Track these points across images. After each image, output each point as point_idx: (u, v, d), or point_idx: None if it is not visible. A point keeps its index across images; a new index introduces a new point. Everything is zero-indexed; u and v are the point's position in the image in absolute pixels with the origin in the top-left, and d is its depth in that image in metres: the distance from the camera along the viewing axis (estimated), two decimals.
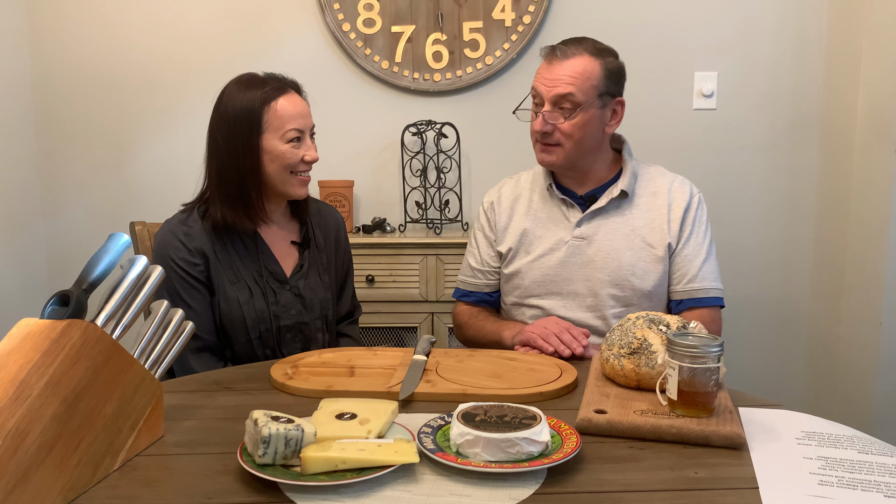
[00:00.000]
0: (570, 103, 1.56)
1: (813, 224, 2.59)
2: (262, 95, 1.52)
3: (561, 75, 1.56)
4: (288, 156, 1.53)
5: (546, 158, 1.62)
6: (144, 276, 1.04)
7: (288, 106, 1.53)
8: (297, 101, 1.56)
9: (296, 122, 1.53)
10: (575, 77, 1.56)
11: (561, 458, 0.93)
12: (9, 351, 0.86)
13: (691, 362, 1.05)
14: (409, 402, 1.20)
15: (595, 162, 1.66)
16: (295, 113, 1.54)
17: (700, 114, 2.57)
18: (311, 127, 1.59)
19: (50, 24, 2.61)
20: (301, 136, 1.55)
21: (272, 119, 1.52)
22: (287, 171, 1.55)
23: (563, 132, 1.57)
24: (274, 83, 1.55)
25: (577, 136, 1.58)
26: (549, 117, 1.57)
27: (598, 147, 1.65)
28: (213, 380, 1.33)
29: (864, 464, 0.95)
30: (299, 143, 1.55)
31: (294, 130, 1.53)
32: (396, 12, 2.55)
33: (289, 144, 1.53)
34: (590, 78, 1.56)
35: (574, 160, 1.62)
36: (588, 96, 1.56)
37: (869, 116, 2.45)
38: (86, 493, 0.89)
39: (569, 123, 1.56)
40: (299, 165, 1.55)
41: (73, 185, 2.68)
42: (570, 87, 1.55)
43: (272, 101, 1.52)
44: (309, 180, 1.60)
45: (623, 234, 1.62)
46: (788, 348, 2.63)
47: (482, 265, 1.76)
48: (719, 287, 1.64)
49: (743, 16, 2.51)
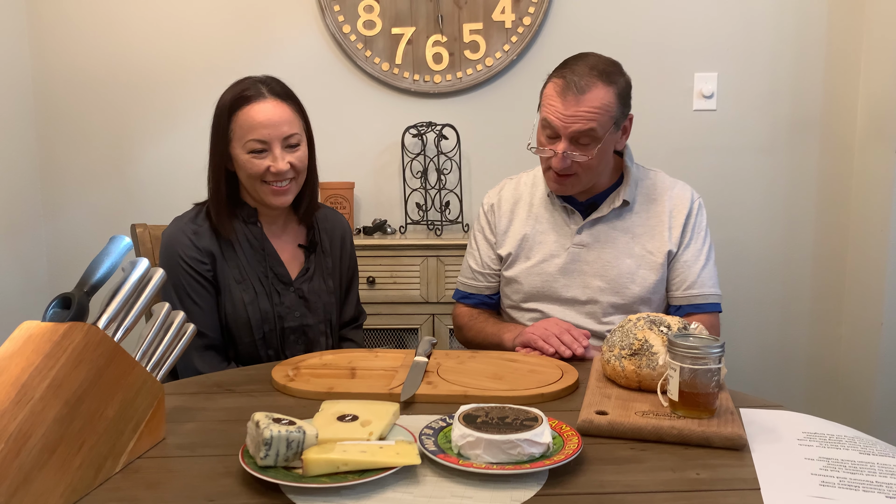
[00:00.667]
0: (589, 138, 1.51)
1: (813, 224, 2.59)
2: (230, 103, 1.51)
3: (579, 112, 1.49)
4: (248, 166, 1.50)
5: (560, 189, 1.60)
6: (146, 279, 1.04)
7: (254, 115, 1.48)
8: (269, 110, 1.49)
9: (258, 132, 1.48)
10: (594, 112, 1.49)
11: (562, 459, 0.93)
12: (10, 354, 0.86)
13: (692, 363, 1.05)
14: (411, 403, 1.20)
15: (598, 176, 1.64)
16: (258, 122, 1.48)
17: (700, 115, 2.57)
18: (287, 136, 1.51)
19: (51, 26, 2.61)
20: (266, 146, 1.49)
21: (236, 128, 1.50)
22: (256, 181, 1.52)
23: (582, 165, 1.54)
24: (252, 89, 1.51)
25: (595, 165, 1.55)
26: (568, 155, 1.52)
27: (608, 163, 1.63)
28: (215, 382, 1.34)
29: (865, 464, 0.95)
30: (263, 154, 1.50)
31: (255, 141, 1.48)
32: (396, 14, 2.56)
33: (249, 155, 1.49)
34: (608, 110, 1.51)
35: (587, 185, 1.61)
36: (606, 129, 1.52)
37: (869, 117, 2.45)
38: (88, 495, 0.89)
39: (588, 157, 1.52)
40: (266, 175, 1.50)
41: (75, 187, 2.68)
42: (590, 123, 1.49)
43: (239, 109, 1.50)
44: (284, 190, 1.53)
45: (623, 242, 1.62)
46: (789, 349, 2.63)
47: (482, 267, 1.75)
48: (717, 293, 1.64)
49: (743, 17, 2.52)
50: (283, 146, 1.51)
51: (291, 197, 1.56)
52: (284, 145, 1.51)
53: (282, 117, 1.50)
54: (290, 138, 1.52)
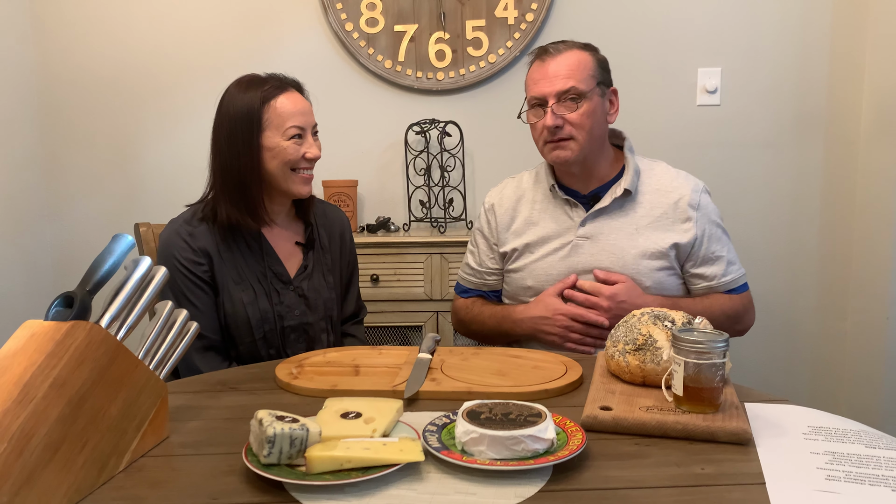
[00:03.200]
0: (575, 94, 1.57)
1: (818, 219, 2.58)
2: (261, 94, 1.53)
3: (559, 70, 1.58)
4: (290, 152, 1.53)
5: (561, 154, 1.60)
6: (149, 277, 1.04)
7: (288, 103, 1.54)
8: (298, 99, 1.57)
9: (296, 119, 1.54)
10: (572, 69, 1.58)
11: (566, 455, 0.93)
12: (13, 352, 0.86)
13: (697, 358, 1.04)
14: (414, 400, 1.20)
15: (598, 159, 1.66)
16: (295, 110, 1.54)
17: (704, 110, 2.56)
18: (313, 125, 1.59)
19: (54, 27, 2.62)
20: (302, 133, 1.55)
21: (272, 117, 1.52)
22: (288, 169, 1.55)
23: (574, 123, 1.57)
24: (274, 82, 1.56)
25: (588, 125, 1.58)
26: (556, 110, 1.57)
27: (604, 139, 1.65)
28: (218, 380, 1.34)
29: (871, 458, 0.95)
30: (300, 140, 1.55)
31: (295, 127, 1.54)
32: (399, 11, 2.55)
33: (290, 141, 1.53)
34: (587, 68, 1.59)
35: (587, 153, 1.61)
36: (589, 86, 1.58)
37: (874, 112, 2.44)
38: (91, 494, 0.89)
39: (577, 114, 1.57)
40: (301, 162, 1.55)
41: (78, 187, 2.69)
42: (570, 80, 1.57)
43: (272, 100, 1.53)
44: (311, 178, 1.60)
45: (627, 233, 1.62)
46: (794, 343, 2.63)
47: (480, 266, 1.76)
48: (743, 272, 1.68)
49: (747, 11, 2.51)
50: (312, 133, 1.58)
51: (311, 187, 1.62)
52: (313, 132, 1.59)
53: (308, 107, 1.59)
54: (316, 127, 1.61)
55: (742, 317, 1.66)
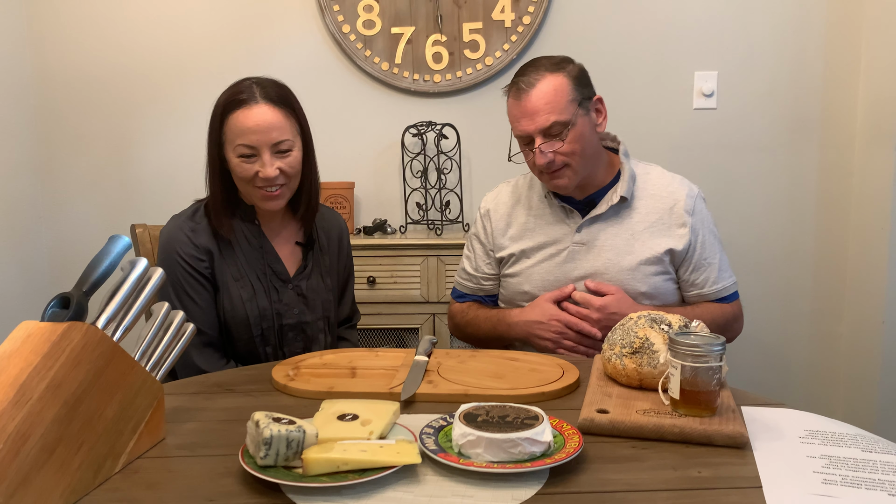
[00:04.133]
0: (559, 127, 1.53)
1: (814, 222, 2.59)
2: (223, 106, 1.51)
3: (536, 106, 1.53)
4: (238, 171, 1.50)
5: (559, 183, 1.59)
6: (145, 279, 1.04)
7: (243, 120, 1.47)
8: (258, 115, 1.47)
9: (247, 137, 1.47)
10: (549, 102, 1.53)
11: (563, 458, 0.93)
12: (9, 354, 0.86)
13: (693, 361, 1.05)
14: (411, 402, 1.20)
15: (594, 168, 1.64)
16: (247, 128, 1.47)
17: (700, 113, 2.57)
18: (276, 142, 1.49)
19: (50, 28, 2.61)
20: (255, 151, 1.48)
21: (227, 132, 1.50)
22: (248, 185, 1.52)
23: (565, 154, 1.55)
24: (246, 93, 1.50)
25: (578, 150, 1.56)
26: (545, 148, 1.54)
27: (599, 151, 1.64)
28: (215, 382, 1.33)
29: (867, 462, 0.95)
30: (252, 159, 1.49)
31: (243, 146, 1.48)
32: (396, 14, 2.55)
33: (239, 159, 1.49)
34: (563, 94, 1.54)
35: (582, 174, 1.60)
36: (570, 112, 1.54)
37: (869, 115, 2.44)
38: (87, 495, 0.89)
39: (567, 143, 1.54)
40: (255, 181, 1.50)
41: (75, 188, 2.68)
42: (550, 115, 1.53)
43: (230, 113, 1.49)
44: (275, 195, 1.51)
45: (623, 239, 1.62)
46: (790, 347, 2.63)
47: (477, 271, 1.76)
48: (734, 280, 1.67)
49: (743, 15, 2.51)
50: (272, 152, 1.49)
51: (283, 202, 1.56)
52: (274, 151, 1.49)
53: (272, 123, 1.48)
54: (281, 144, 1.50)
55: (731, 325, 1.66)
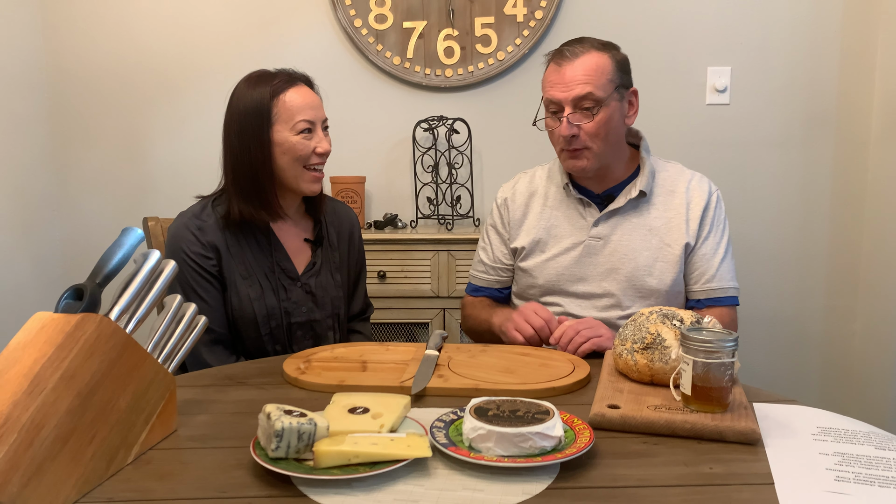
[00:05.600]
0: (592, 101, 1.52)
1: (828, 220, 2.57)
2: (270, 89, 1.52)
3: (575, 75, 1.52)
4: (299, 147, 1.53)
5: (576, 164, 1.58)
6: (158, 271, 1.04)
7: (297, 97, 1.53)
8: (307, 93, 1.56)
9: (305, 112, 1.53)
10: (589, 74, 1.52)
11: (574, 452, 0.93)
12: (23, 345, 0.87)
13: (706, 357, 1.04)
14: (422, 396, 1.20)
15: (614, 161, 1.63)
16: (304, 104, 1.53)
17: (713, 109, 2.55)
18: (324, 120, 1.58)
19: (65, 25, 2.63)
20: (312, 127, 1.54)
21: (282, 111, 1.52)
22: (299, 165, 1.54)
23: (589, 133, 1.54)
24: (283, 76, 1.55)
25: (603, 133, 1.54)
26: (573, 119, 1.53)
27: (621, 143, 1.63)
28: (226, 374, 1.34)
29: (881, 460, 0.94)
30: (310, 134, 1.54)
31: (304, 122, 1.53)
32: (408, 8, 2.55)
33: (300, 136, 1.52)
34: (605, 72, 1.53)
35: (603, 160, 1.59)
36: (607, 91, 1.53)
37: (884, 111, 2.42)
38: (100, 486, 0.89)
39: (594, 123, 1.53)
40: (311, 158, 1.54)
41: (88, 182, 2.70)
42: (587, 86, 1.51)
43: (281, 94, 1.52)
44: (321, 176, 1.58)
45: (640, 235, 1.61)
46: (803, 344, 2.62)
47: (495, 262, 1.75)
48: (736, 286, 1.63)
49: (756, 10, 2.49)
50: (322, 128, 1.57)
51: (322, 185, 1.61)
52: (323, 127, 1.58)
53: (317, 101, 1.58)
54: (326, 121, 1.59)
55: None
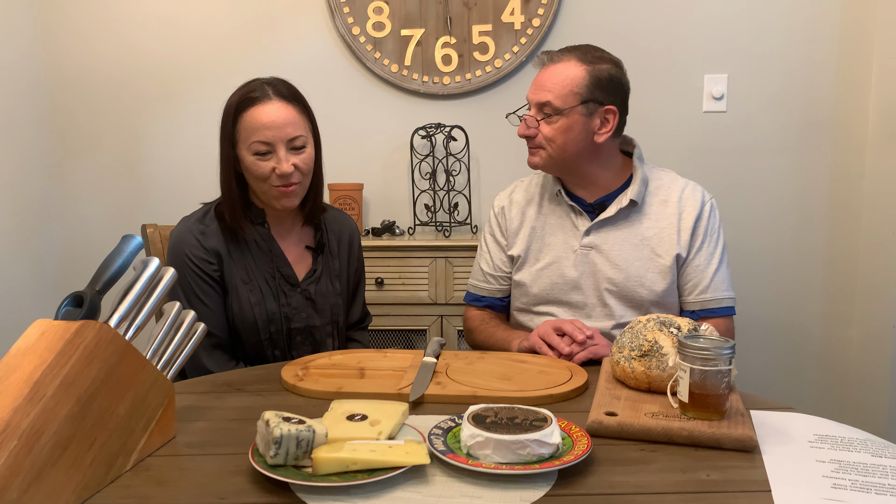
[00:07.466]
0: (550, 109, 1.56)
1: (824, 226, 2.58)
2: (235, 105, 1.51)
3: (544, 82, 1.57)
4: (253, 168, 1.50)
5: (530, 160, 1.64)
6: (157, 278, 1.05)
7: (257, 117, 1.48)
8: (273, 111, 1.49)
9: (262, 133, 1.48)
10: (555, 84, 1.56)
11: (572, 460, 0.93)
12: (24, 351, 0.87)
13: (703, 365, 1.05)
14: (420, 403, 1.20)
15: (601, 169, 1.64)
16: (262, 124, 1.48)
17: (710, 116, 2.56)
18: (291, 138, 1.50)
19: (63, 29, 2.63)
20: (271, 148, 1.48)
21: (240, 130, 1.50)
22: (262, 182, 1.52)
23: (544, 135, 1.58)
24: (257, 91, 1.51)
25: (559, 140, 1.57)
26: (528, 121, 1.59)
27: (592, 154, 1.61)
28: (225, 381, 1.34)
29: (877, 467, 0.95)
30: (268, 156, 1.49)
31: (259, 143, 1.48)
32: (406, 16, 2.56)
33: (255, 157, 1.49)
34: (570, 85, 1.55)
35: (560, 164, 1.61)
36: (567, 103, 1.55)
37: (881, 117, 2.43)
38: (99, 492, 0.90)
39: (549, 128, 1.57)
40: (271, 178, 1.50)
41: (86, 187, 2.70)
42: (549, 94, 1.56)
43: (243, 112, 1.50)
44: (290, 191, 1.52)
45: (632, 244, 1.61)
46: (800, 351, 2.62)
47: (495, 270, 1.75)
48: (731, 296, 1.63)
49: (753, 17, 2.51)
50: (287, 148, 1.50)
51: (298, 199, 1.56)
52: (289, 147, 1.50)
53: (286, 119, 1.49)
54: (295, 140, 1.51)
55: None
